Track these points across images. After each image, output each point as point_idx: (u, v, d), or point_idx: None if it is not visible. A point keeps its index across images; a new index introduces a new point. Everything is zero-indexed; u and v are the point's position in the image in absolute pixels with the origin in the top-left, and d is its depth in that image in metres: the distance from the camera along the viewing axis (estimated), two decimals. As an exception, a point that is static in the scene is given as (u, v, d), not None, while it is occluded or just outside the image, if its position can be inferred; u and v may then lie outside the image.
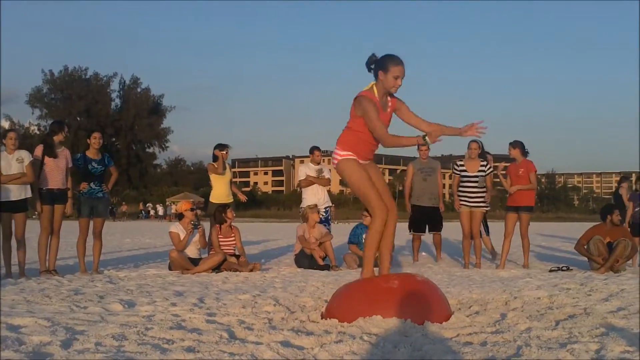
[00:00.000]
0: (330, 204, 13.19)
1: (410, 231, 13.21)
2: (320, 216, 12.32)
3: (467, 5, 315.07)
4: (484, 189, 11.83)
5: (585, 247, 11.34)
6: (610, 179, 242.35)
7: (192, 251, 10.98)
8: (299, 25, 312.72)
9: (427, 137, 5.76)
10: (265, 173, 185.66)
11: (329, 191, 13.22)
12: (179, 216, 11.26)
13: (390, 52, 6.01)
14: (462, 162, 12.01)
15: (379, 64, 5.97)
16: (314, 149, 13.00)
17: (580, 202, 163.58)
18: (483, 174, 11.82)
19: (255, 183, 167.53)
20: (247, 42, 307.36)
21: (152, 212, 78.28)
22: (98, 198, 10.44)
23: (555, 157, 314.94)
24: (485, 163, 11.95)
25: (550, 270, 11.09)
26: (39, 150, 10.00)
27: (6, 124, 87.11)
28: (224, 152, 12.19)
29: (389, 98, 6.10)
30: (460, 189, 11.91)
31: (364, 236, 12.06)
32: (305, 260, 11.59)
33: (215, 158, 12.25)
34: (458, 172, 11.99)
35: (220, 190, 12.27)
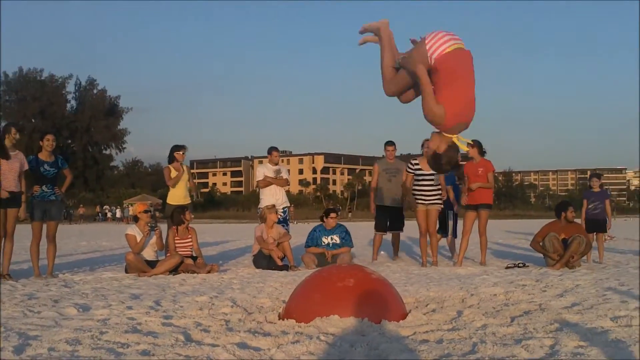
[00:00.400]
0: (289, 204, 13.18)
1: (376, 230, 13.22)
2: (279, 216, 12.29)
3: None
4: (439, 187, 11.92)
5: (541, 243, 11.49)
6: (566, 176, 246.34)
7: (149, 253, 10.88)
8: (259, 26, 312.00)
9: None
10: (224, 174, 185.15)
11: (287, 191, 13.20)
12: (136, 218, 11.16)
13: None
14: (417, 161, 12.08)
15: None
16: (272, 150, 12.98)
17: (536, 199, 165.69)
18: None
19: (214, 184, 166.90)
20: (205, 43, 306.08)
21: (109, 215, 77.60)
22: (51, 201, 10.28)
23: (512, 155, 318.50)
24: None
25: (507, 267, 11.20)
26: None
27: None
28: (180, 153, 12.11)
29: None
30: (416, 187, 11.97)
31: (322, 239, 12.09)
32: (263, 261, 11.55)
33: (171, 159, 12.17)
34: (413, 171, 12.04)
35: (177, 191, 12.20)
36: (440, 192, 11.93)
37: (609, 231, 13.44)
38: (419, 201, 11.91)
